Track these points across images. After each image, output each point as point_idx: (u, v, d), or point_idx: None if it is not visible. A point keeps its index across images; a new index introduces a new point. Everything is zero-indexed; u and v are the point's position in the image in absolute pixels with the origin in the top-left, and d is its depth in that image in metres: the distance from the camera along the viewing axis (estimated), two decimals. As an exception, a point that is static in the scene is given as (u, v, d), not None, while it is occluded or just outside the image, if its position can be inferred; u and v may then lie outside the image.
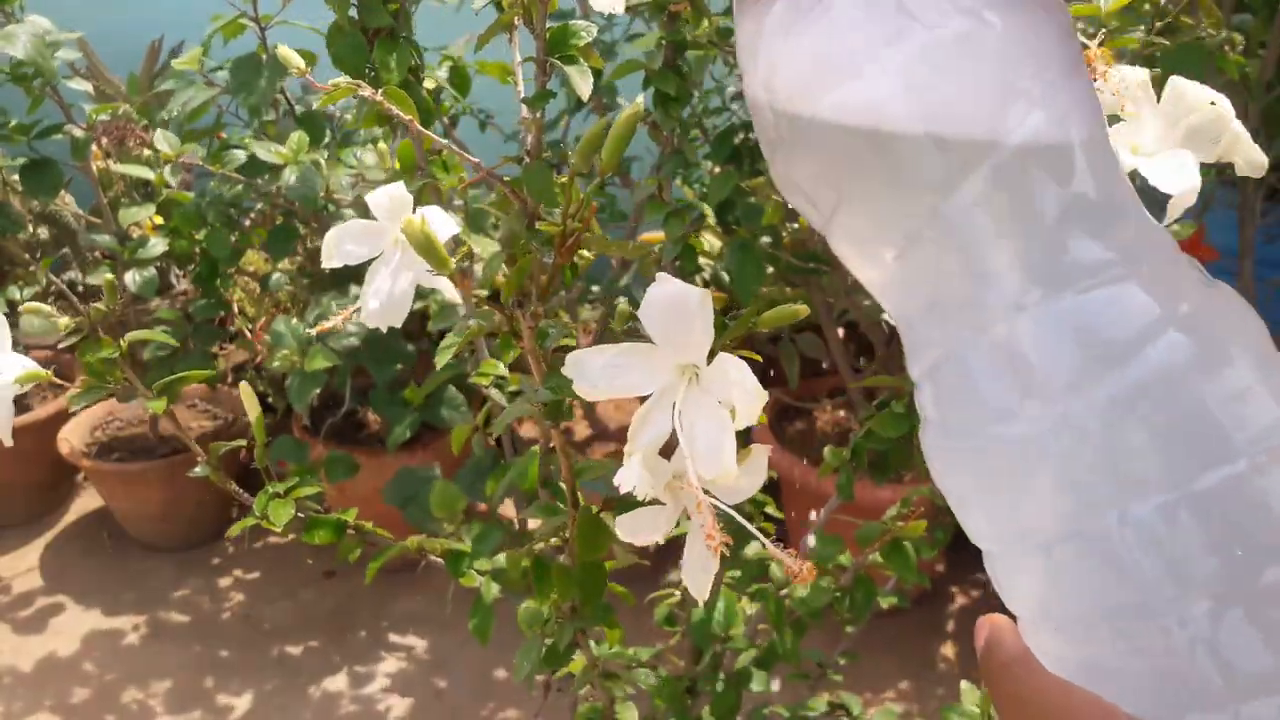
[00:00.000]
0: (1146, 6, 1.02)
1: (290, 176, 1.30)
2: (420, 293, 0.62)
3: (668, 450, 0.40)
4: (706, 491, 0.40)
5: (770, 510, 0.66)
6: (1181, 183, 0.44)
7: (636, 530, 0.43)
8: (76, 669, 1.63)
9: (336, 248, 0.53)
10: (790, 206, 1.54)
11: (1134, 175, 0.45)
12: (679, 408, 0.39)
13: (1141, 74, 0.44)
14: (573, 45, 0.60)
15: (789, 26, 0.29)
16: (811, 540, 0.76)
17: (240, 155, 1.41)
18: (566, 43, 0.60)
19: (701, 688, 0.77)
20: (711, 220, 1.41)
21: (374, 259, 0.54)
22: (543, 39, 0.60)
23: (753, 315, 0.42)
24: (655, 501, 0.40)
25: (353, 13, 0.68)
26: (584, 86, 0.59)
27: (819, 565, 0.75)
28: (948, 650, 1.61)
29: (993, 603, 0.32)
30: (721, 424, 0.38)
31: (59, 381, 0.62)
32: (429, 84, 1.45)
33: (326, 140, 1.38)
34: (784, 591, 0.75)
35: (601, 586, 0.50)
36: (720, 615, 0.72)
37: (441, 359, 0.47)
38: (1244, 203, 1.42)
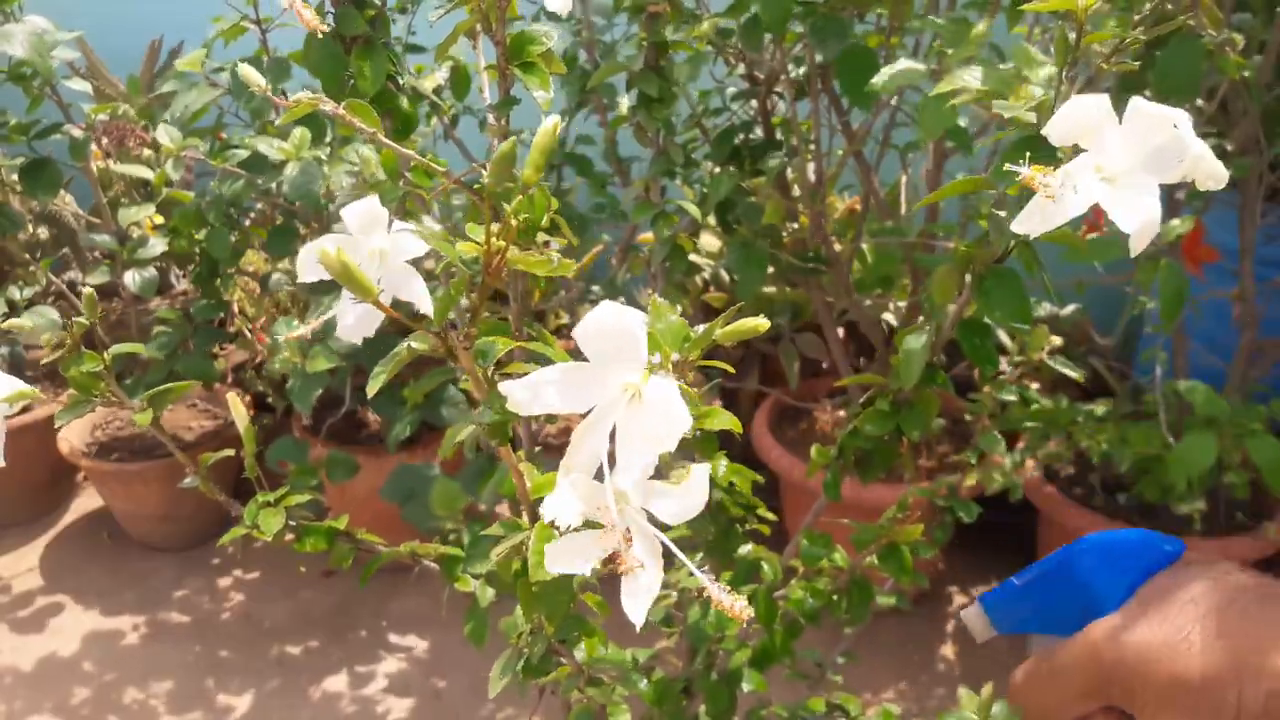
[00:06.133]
0: (1147, 6, 1.02)
1: (292, 172, 1.30)
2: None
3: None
4: (651, 515, 0.40)
5: (762, 512, 0.66)
6: (1140, 217, 0.43)
7: (566, 559, 0.40)
8: (76, 669, 1.63)
9: (311, 262, 0.53)
10: (789, 205, 1.54)
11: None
12: (616, 427, 0.39)
13: (1100, 99, 0.44)
14: (530, 52, 0.59)
15: None
16: (804, 542, 0.76)
17: (242, 152, 1.41)
18: (524, 50, 0.60)
19: (697, 688, 0.77)
20: (711, 220, 1.41)
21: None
22: (503, 45, 0.60)
23: (715, 328, 0.42)
24: (594, 525, 0.40)
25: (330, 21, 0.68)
26: (542, 94, 0.59)
27: (808, 566, 0.75)
28: (947, 651, 1.61)
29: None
30: (649, 444, 0.38)
31: (41, 398, 0.61)
32: (429, 84, 1.46)
33: (328, 139, 1.38)
34: (780, 593, 0.75)
35: (566, 602, 0.49)
36: (714, 615, 0.72)
37: (373, 387, 0.46)
38: (1244, 203, 1.42)
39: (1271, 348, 1.50)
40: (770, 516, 0.71)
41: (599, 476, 0.39)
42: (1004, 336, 1.57)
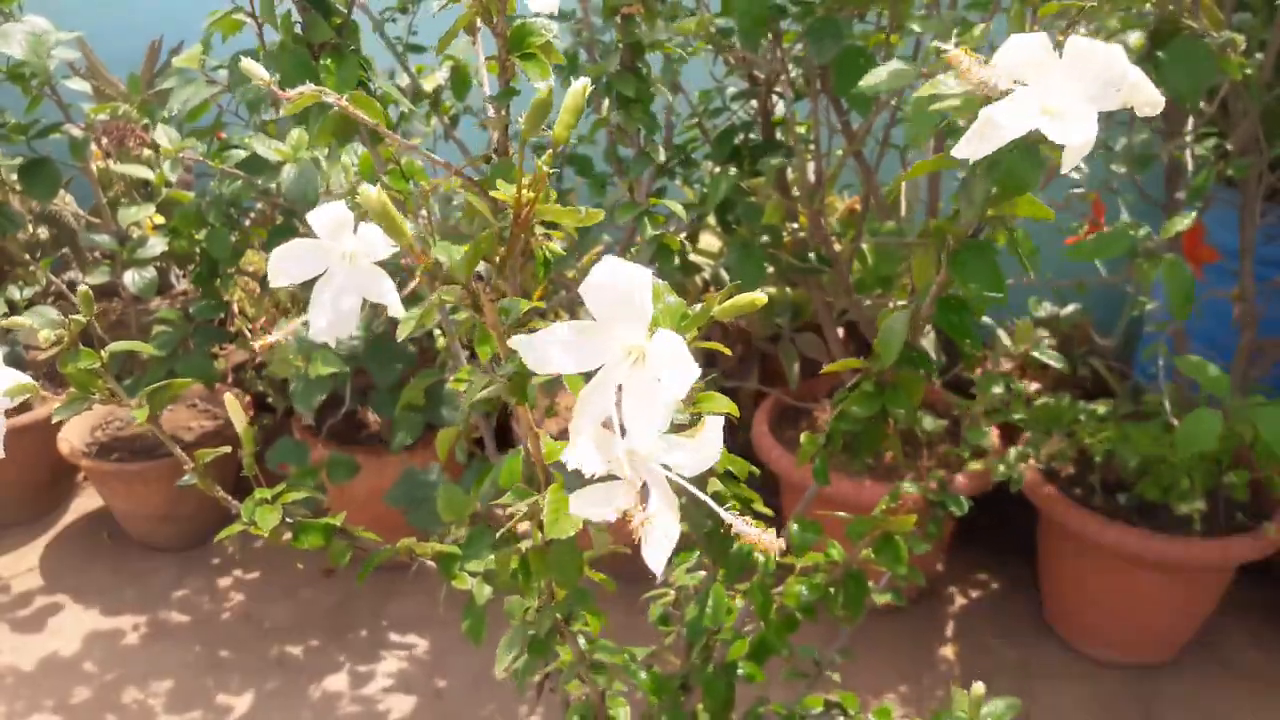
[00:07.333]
0: (1148, 6, 1.02)
1: (289, 174, 1.29)
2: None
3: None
4: (666, 467, 0.42)
5: (758, 506, 0.66)
6: (1078, 134, 0.46)
7: (591, 506, 0.42)
8: (77, 669, 1.63)
9: (282, 267, 0.53)
10: (789, 205, 1.54)
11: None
12: (621, 385, 0.40)
13: (1040, 37, 0.47)
14: (531, 43, 0.61)
15: None
16: (794, 527, 0.76)
17: (240, 153, 1.41)
18: (525, 41, 0.61)
19: (694, 682, 0.77)
20: (711, 220, 1.41)
21: (319, 276, 0.54)
22: (503, 38, 0.62)
23: (714, 304, 0.43)
24: (611, 477, 0.41)
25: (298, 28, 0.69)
26: (543, 83, 0.60)
27: (799, 554, 0.75)
28: (947, 651, 1.61)
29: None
30: (654, 399, 0.39)
31: (40, 393, 0.62)
32: (429, 84, 1.45)
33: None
34: (777, 589, 0.75)
35: (577, 568, 0.51)
36: (711, 610, 0.73)
37: (404, 331, 0.47)
38: (1244, 203, 1.42)
39: (1271, 348, 1.50)
40: (767, 511, 0.71)
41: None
42: (1004, 336, 1.57)
